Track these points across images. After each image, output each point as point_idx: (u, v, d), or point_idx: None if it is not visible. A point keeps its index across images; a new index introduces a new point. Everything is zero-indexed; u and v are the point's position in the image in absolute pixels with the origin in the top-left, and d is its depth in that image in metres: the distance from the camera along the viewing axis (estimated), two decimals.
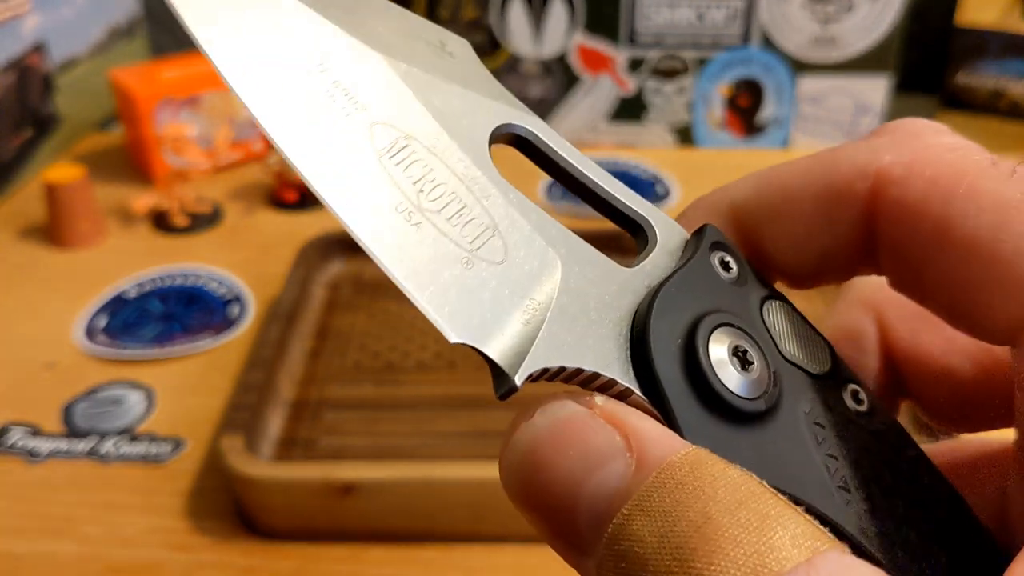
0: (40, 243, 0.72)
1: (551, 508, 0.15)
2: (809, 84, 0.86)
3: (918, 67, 0.98)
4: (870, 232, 0.17)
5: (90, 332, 0.61)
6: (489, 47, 0.87)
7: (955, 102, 0.88)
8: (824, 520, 0.15)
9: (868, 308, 0.21)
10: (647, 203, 0.18)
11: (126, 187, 0.80)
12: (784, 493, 0.15)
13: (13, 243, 0.72)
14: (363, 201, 0.15)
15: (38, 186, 0.73)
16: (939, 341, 0.20)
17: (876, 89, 0.86)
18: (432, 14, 0.85)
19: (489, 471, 0.45)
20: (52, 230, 0.71)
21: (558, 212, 0.75)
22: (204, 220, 0.75)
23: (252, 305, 0.64)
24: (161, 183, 0.75)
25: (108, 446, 0.52)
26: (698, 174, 0.84)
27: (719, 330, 0.16)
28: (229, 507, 0.48)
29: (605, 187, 0.18)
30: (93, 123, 0.92)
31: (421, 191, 0.15)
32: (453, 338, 0.15)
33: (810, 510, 0.15)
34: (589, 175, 0.18)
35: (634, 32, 0.85)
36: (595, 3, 0.84)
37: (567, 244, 0.16)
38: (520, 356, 0.15)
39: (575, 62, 0.87)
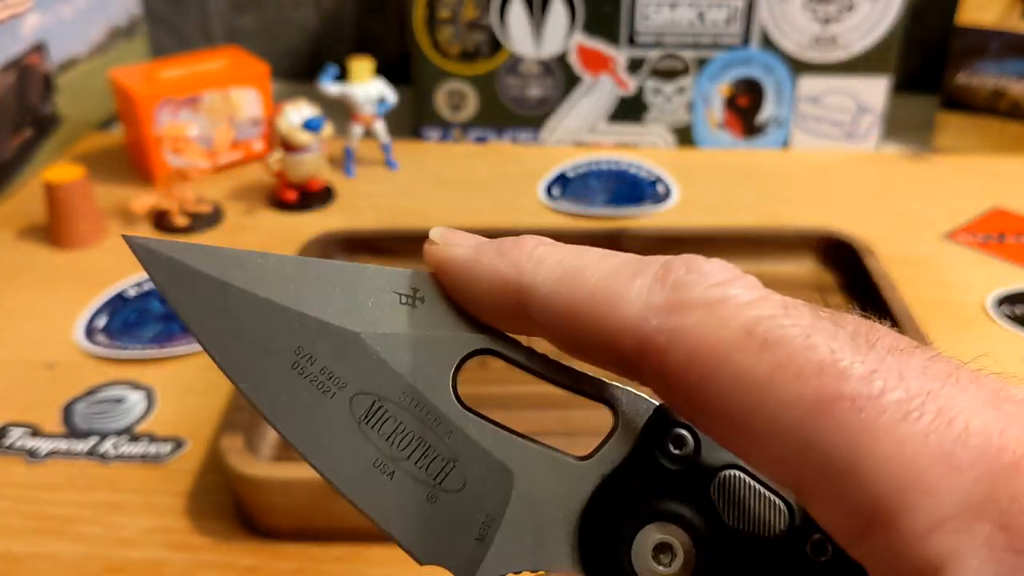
0: (40, 243, 0.72)
1: None
2: (809, 84, 0.86)
3: (918, 67, 0.98)
4: (638, 374, 0.18)
5: (90, 332, 0.61)
6: (489, 47, 0.87)
7: (955, 102, 0.88)
8: None
9: None
10: (613, 384, 0.20)
11: (126, 187, 0.80)
12: None
13: (13, 243, 0.72)
14: (349, 465, 0.19)
15: (38, 186, 0.73)
16: None
17: (876, 89, 0.86)
18: (432, 14, 0.85)
19: None
20: (52, 230, 0.71)
21: (557, 211, 0.75)
22: (204, 220, 0.75)
23: None
24: (161, 183, 0.75)
25: (108, 446, 0.52)
26: (698, 174, 0.84)
27: (645, 528, 0.18)
28: (229, 507, 0.48)
29: (568, 377, 0.20)
30: (93, 123, 0.92)
31: (392, 443, 0.19)
32: (422, 561, 0.19)
33: None
34: (552, 368, 0.20)
35: (634, 32, 0.85)
36: (595, 3, 0.84)
37: (524, 456, 0.19)
38: (474, 570, 0.19)
39: (575, 62, 0.87)
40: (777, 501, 0.19)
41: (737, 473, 0.19)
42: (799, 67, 0.86)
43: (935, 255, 0.71)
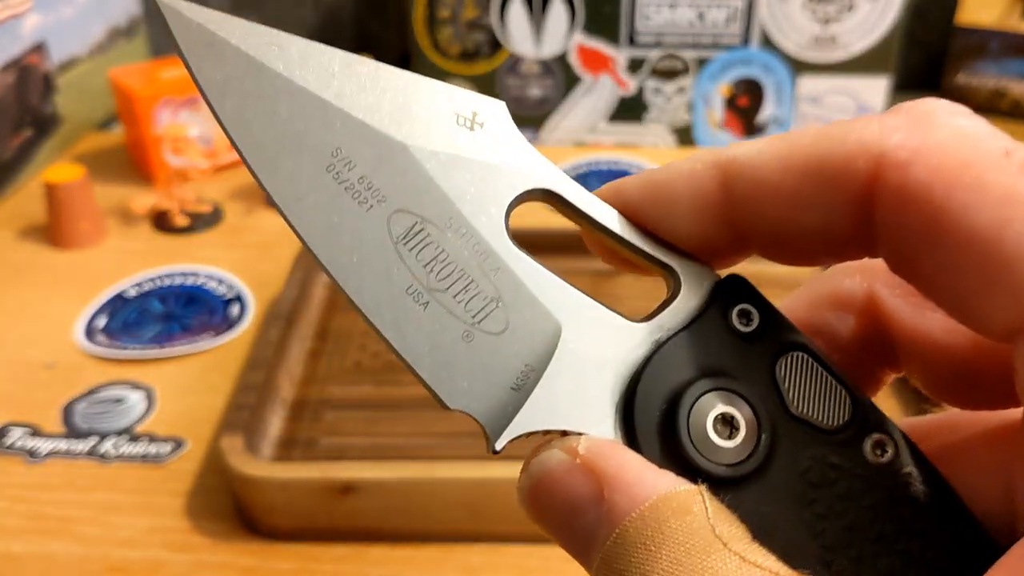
0: (40, 243, 0.72)
1: (557, 535, 0.17)
2: (809, 84, 0.86)
3: (918, 67, 0.98)
4: (867, 215, 0.16)
5: (90, 332, 0.61)
6: (489, 47, 0.87)
7: (955, 102, 0.88)
8: (811, 571, 0.16)
9: (861, 274, 0.20)
10: (673, 248, 0.18)
11: (126, 187, 0.80)
12: (776, 543, 0.16)
13: (13, 243, 0.72)
14: (378, 288, 0.17)
15: (38, 186, 0.73)
16: (940, 318, 0.19)
17: (876, 89, 0.86)
18: (432, 14, 0.85)
19: (489, 471, 0.45)
20: (52, 230, 0.71)
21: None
22: (204, 220, 0.75)
23: (252, 305, 0.64)
24: (161, 183, 0.75)
25: (108, 446, 0.52)
26: None
27: (708, 395, 0.17)
28: (229, 507, 0.48)
29: (631, 233, 0.18)
30: (93, 123, 0.92)
31: (431, 271, 0.17)
32: (449, 405, 0.17)
33: (797, 562, 0.16)
34: (615, 223, 0.18)
35: (634, 32, 0.85)
36: (595, 3, 0.84)
37: (574, 307, 0.17)
38: (506, 422, 0.17)
39: (575, 62, 0.87)
40: (841, 389, 0.17)
41: (803, 355, 0.17)
42: (799, 67, 0.86)
43: None
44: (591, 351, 0.17)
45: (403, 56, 0.90)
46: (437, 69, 0.88)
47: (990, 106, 0.87)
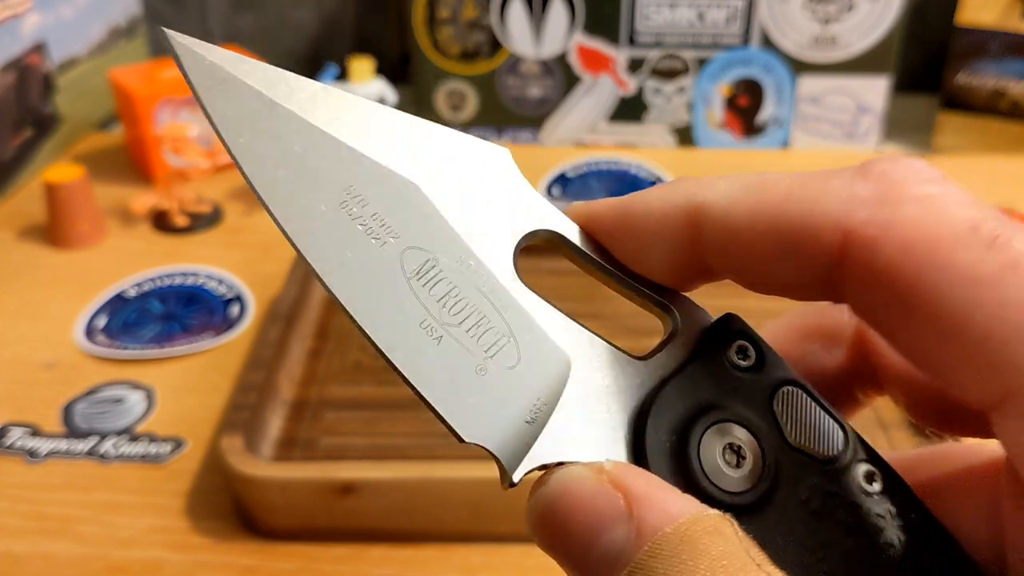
0: (40, 243, 0.72)
1: (567, 560, 0.17)
2: (809, 84, 0.86)
3: (918, 67, 0.98)
4: (836, 282, 0.17)
5: (90, 332, 0.61)
6: (489, 47, 0.87)
7: (955, 102, 0.88)
8: None
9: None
10: (670, 289, 0.19)
11: (126, 187, 0.80)
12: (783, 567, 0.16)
13: (13, 243, 0.72)
14: (392, 321, 0.17)
15: (38, 186, 0.73)
16: None
17: (876, 89, 0.86)
18: (432, 14, 0.85)
19: (489, 471, 0.45)
20: (52, 230, 0.71)
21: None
22: (204, 220, 0.75)
23: (252, 305, 0.64)
24: (161, 183, 0.75)
25: (108, 446, 0.52)
26: (698, 174, 0.83)
27: (715, 427, 0.17)
28: (229, 507, 0.48)
29: (635, 275, 0.19)
30: (93, 123, 0.92)
31: (444, 307, 0.17)
32: (464, 439, 0.17)
33: None
34: (616, 265, 0.19)
35: (634, 32, 0.85)
36: (595, 3, 0.84)
37: (582, 343, 0.18)
38: (521, 454, 0.17)
39: (575, 62, 0.87)
40: (833, 423, 0.18)
41: (796, 390, 0.18)
42: (799, 67, 0.86)
43: None
44: (600, 385, 0.18)
45: (403, 56, 0.90)
46: (437, 69, 0.88)
47: (990, 106, 0.87)
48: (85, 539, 0.46)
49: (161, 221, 0.75)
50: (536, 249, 0.19)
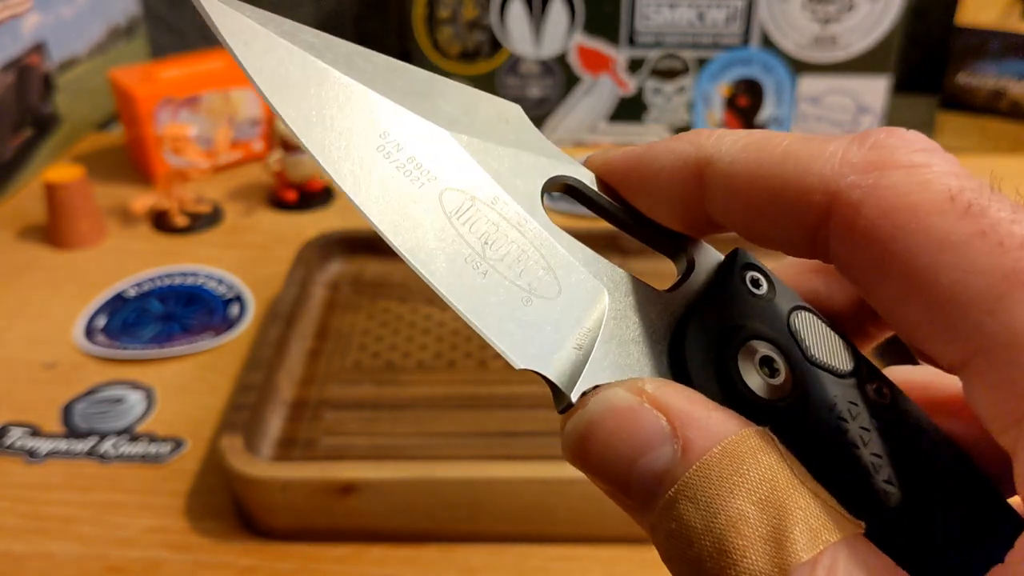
0: (40, 243, 0.72)
1: (607, 480, 0.17)
2: (809, 84, 0.86)
3: (918, 67, 0.98)
4: (823, 242, 0.17)
5: (90, 332, 0.61)
6: (489, 47, 0.87)
7: (955, 102, 0.88)
8: (852, 498, 0.17)
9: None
10: (681, 234, 0.20)
11: (126, 187, 0.80)
12: (817, 475, 0.17)
13: (13, 243, 0.72)
14: (440, 258, 0.18)
15: (38, 186, 0.73)
16: None
17: (876, 89, 0.86)
18: (432, 14, 0.85)
19: (489, 471, 0.45)
20: (52, 230, 0.71)
21: (557, 212, 0.75)
22: (204, 220, 0.75)
23: (252, 305, 0.64)
24: (161, 183, 0.75)
25: (108, 446, 0.52)
26: None
27: (748, 343, 0.18)
28: (229, 507, 0.48)
29: (643, 219, 0.20)
30: (93, 123, 0.92)
31: (486, 243, 0.18)
32: (519, 364, 0.18)
33: (838, 491, 0.17)
34: (630, 213, 0.20)
35: (634, 32, 0.85)
36: (595, 3, 0.84)
37: (612, 276, 0.19)
38: (575, 377, 0.18)
39: (575, 62, 0.86)
40: (842, 341, 0.19)
41: (808, 313, 0.19)
42: (799, 67, 0.86)
43: None
44: (635, 314, 0.19)
45: (403, 56, 0.91)
46: (437, 69, 0.88)
47: (990, 106, 0.87)
48: (85, 539, 0.46)
49: (161, 221, 0.75)
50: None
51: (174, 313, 0.64)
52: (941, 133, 0.89)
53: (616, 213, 0.20)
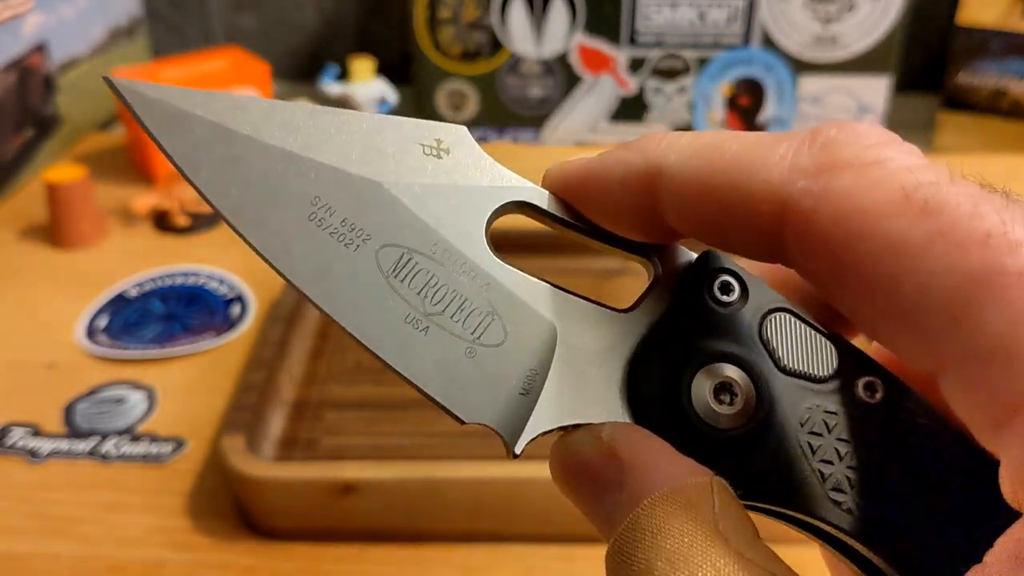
0: (41, 243, 0.72)
1: (584, 512, 0.18)
2: (810, 84, 0.86)
3: (919, 67, 0.98)
4: (778, 248, 0.17)
5: (91, 332, 0.61)
6: (490, 47, 0.87)
7: (956, 102, 0.88)
8: (815, 525, 0.17)
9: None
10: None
11: (127, 187, 0.80)
12: (768, 509, 0.17)
13: (14, 243, 0.73)
14: (378, 321, 0.18)
15: (39, 186, 0.74)
16: None
17: (877, 89, 0.86)
18: (433, 14, 0.85)
19: (489, 471, 0.45)
20: (53, 230, 0.71)
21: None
22: (205, 220, 0.75)
23: (253, 305, 0.64)
24: (162, 183, 0.76)
25: (109, 446, 0.52)
26: None
27: (704, 370, 0.18)
28: (230, 507, 0.48)
29: (604, 233, 0.19)
30: (94, 123, 0.93)
31: (425, 297, 0.18)
32: (464, 420, 0.18)
33: (797, 519, 0.17)
34: (587, 223, 0.19)
35: (635, 32, 0.85)
36: (596, 3, 0.84)
37: (565, 308, 0.18)
38: (521, 426, 0.18)
39: (576, 62, 0.87)
40: (825, 341, 0.18)
41: (785, 314, 0.18)
42: (800, 67, 0.86)
43: None
44: (588, 345, 0.18)
45: (404, 56, 0.91)
46: (438, 69, 0.88)
47: (990, 106, 0.87)
48: (86, 539, 0.46)
49: (162, 221, 0.75)
50: (536, 249, 0.19)
51: (175, 313, 0.64)
52: (942, 133, 0.89)
53: (578, 224, 0.19)
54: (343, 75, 0.81)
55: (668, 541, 0.15)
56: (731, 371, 0.18)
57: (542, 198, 0.19)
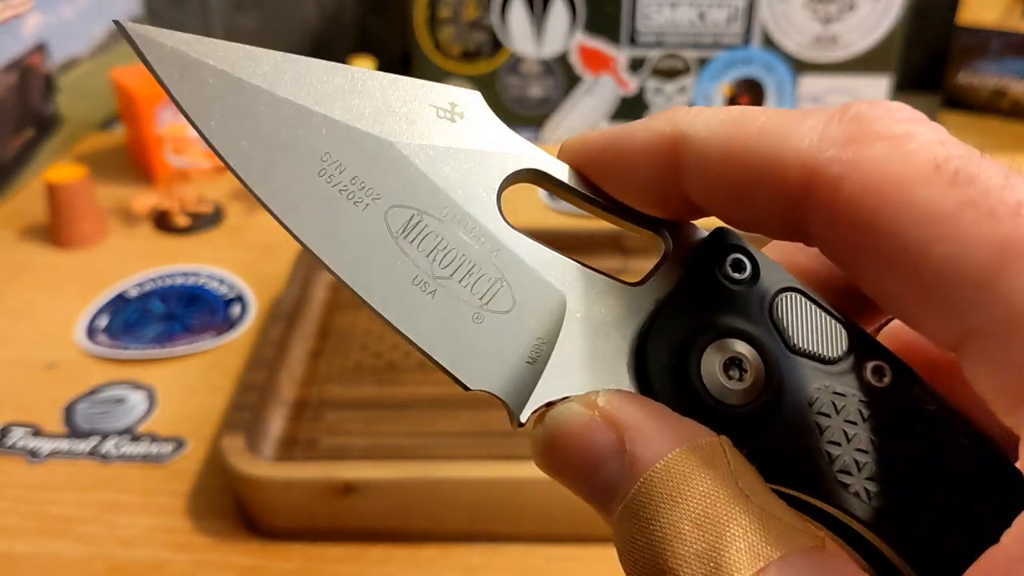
0: (41, 243, 0.72)
1: (572, 488, 0.17)
2: (810, 84, 0.86)
3: (919, 67, 0.98)
4: (802, 220, 0.17)
5: (91, 332, 0.62)
6: (490, 47, 0.87)
7: (956, 102, 0.88)
8: (821, 508, 0.17)
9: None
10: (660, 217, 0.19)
11: (127, 187, 0.80)
12: (775, 489, 0.16)
13: (14, 243, 0.73)
14: (385, 283, 0.18)
15: (39, 186, 0.74)
16: None
17: (877, 89, 0.86)
18: (433, 14, 0.85)
19: (489, 471, 0.45)
20: (53, 230, 0.71)
21: (557, 212, 0.75)
22: (205, 220, 0.75)
23: (253, 305, 0.64)
24: (162, 183, 0.76)
25: (109, 446, 0.52)
26: None
27: (714, 344, 0.18)
28: (230, 507, 0.48)
29: (619, 206, 0.19)
30: (94, 123, 0.93)
31: (434, 260, 0.18)
32: (469, 386, 0.17)
33: (804, 501, 0.17)
34: (600, 194, 0.19)
35: (635, 32, 0.85)
36: (596, 3, 0.84)
37: (575, 278, 0.18)
38: (526, 395, 0.17)
39: (576, 62, 0.87)
40: (835, 323, 0.18)
41: (797, 295, 0.18)
42: (800, 66, 0.86)
43: None
44: (597, 317, 0.18)
45: (404, 56, 0.91)
46: (438, 69, 0.88)
47: (991, 105, 0.87)
48: (87, 539, 0.46)
49: (162, 221, 0.75)
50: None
51: (175, 313, 0.64)
52: None
53: (590, 195, 0.19)
54: None
55: (692, 502, 0.15)
56: (741, 347, 0.18)
57: (556, 167, 0.19)
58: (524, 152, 0.19)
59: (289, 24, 1.05)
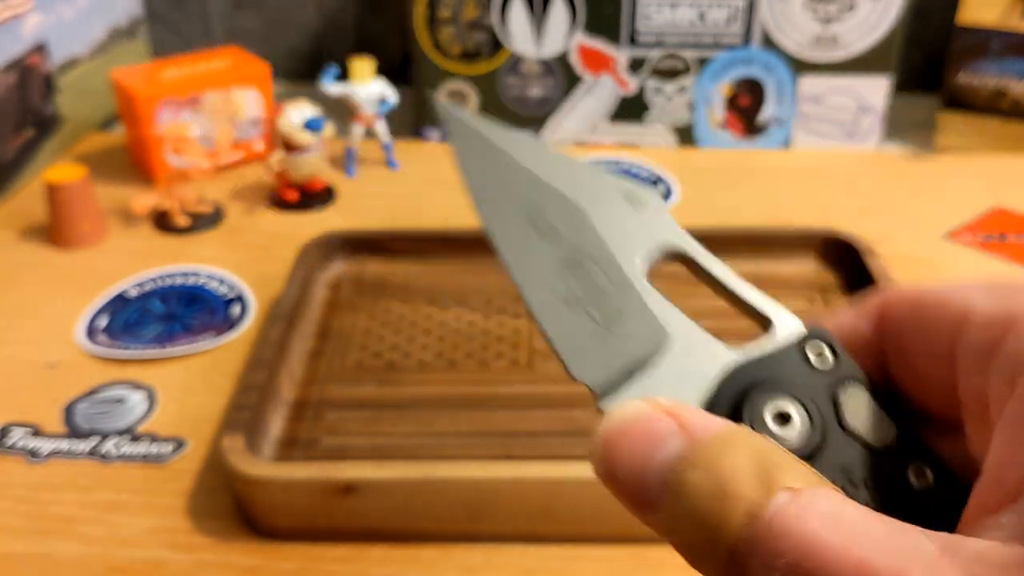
0: (41, 243, 0.72)
1: (627, 480, 0.19)
2: (810, 84, 0.86)
3: (919, 67, 0.98)
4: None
5: (91, 332, 0.62)
6: (490, 47, 0.87)
7: (956, 102, 0.88)
8: None
9: (872, 313, 0.23)
10: (776, 304, 0.23)
11: (127, 187, 0.80)
12: None
13: (14, 243, 0.73)
14: (542, 289, 0.24)
15: (39, 186, 0.74)
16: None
17: (877, 89, 0.86)
18: (433, 14, 0.85)
19: (489, 471, 0.45)
20: (53, 230, 0.71)
21: None
22: (205, 220, 0.75)
23: (253, 305, 0.64)
24: (162, 183, 0.76)
25: (109, 446, 0.52)
26: (699, 174, 0.84)
27: (771, 400, 0.20)
28: (230, 507, 0.48)
29: (743, 289, 0.23)
30: (94, 123, 0.93)
31: (583, 288, 0.23)
32: (574, 374, 0.22)
33: None
34: (730, 279, 0.23)
35: (635, 32, 0.85)
36: (596, 3, 0.84)
37: (682, 327, 0.22)
38: (613, 392, 0.22)
39: (576, 62, 0.87)
40: (889, 421, 0.20)
41: (861, 388, 0.21)
42: (800, 67, 0.86)
43: (936, 255, 0.71)
44: (688, 359, 0.22)
45: (404, 56, 0.91)
46: (438, 69, 0.88)
47: (991, 106, 0.87)
48: (86, 539, 0.46)
49: (162, 221, 0.75)
50: None
51: (175, 313, 0.64)
52: (942, 133, 0.89)
53: (718, 279, 0.23)
54: (343, 75, 0.82)
55: (746, 449, 0.18)
56: (794, 406, 0.20)
57: (700, 254, 0.24)
58: (677, 237, 0.24)
59: (289, 25, 1.05)
